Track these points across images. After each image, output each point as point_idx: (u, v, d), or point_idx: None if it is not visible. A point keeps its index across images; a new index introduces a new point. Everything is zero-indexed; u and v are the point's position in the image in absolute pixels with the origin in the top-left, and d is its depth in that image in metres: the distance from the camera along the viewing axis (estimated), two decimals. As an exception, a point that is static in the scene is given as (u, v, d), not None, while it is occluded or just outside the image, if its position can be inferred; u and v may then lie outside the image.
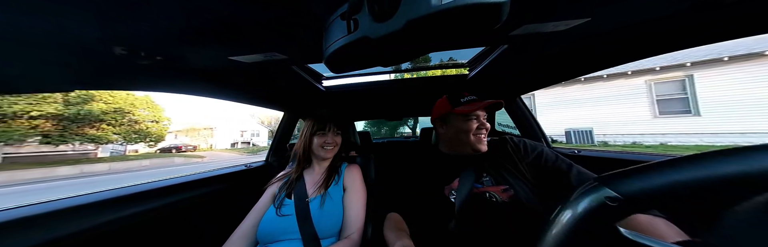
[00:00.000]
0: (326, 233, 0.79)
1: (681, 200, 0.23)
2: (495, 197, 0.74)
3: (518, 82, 1.27)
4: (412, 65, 1.34)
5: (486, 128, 0.84)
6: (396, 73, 1.25)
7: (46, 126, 8.56)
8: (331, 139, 0.97)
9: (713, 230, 0.17)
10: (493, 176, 0.79)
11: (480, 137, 0.84)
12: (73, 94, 8.74)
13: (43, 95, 8.36)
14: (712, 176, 0.22)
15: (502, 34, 0.66)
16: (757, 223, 0.16)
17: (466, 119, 0.85)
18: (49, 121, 8.57)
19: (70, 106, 8.70)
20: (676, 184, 0.23)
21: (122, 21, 0.46)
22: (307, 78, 1.07)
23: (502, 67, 1.04)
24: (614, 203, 0.24)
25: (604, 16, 0.57)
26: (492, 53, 0.93)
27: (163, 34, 0.53)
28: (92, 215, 0.73)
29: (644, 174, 0.25)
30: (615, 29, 0.65)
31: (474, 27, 0.31)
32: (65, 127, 8.83)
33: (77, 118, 8.76)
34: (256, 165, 1.53)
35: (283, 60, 0.76)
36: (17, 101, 7.99)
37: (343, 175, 0.97)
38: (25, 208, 0.66)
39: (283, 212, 0.82)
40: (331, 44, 0.36)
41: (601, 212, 0.25)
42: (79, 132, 9.15)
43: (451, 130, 0.88)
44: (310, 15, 0.48)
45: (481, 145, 0.83)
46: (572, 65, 0.98)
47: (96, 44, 0.53)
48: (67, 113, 8.55)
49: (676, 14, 0.56)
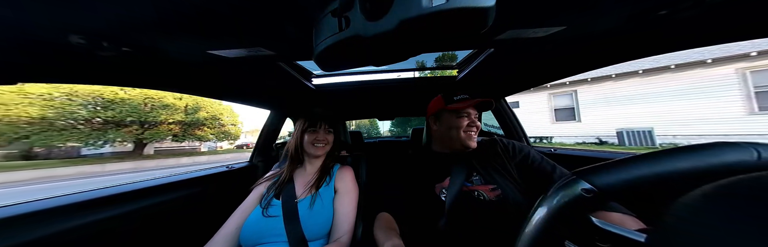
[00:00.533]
0: (314, 235, 0.77)
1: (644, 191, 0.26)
2: (483, 195, 0.76)
3: (504, 84, 1.32)
4: (404, 66, 1.28)
5: (476, 126, 0.87)
6: (388, 73, 1.27)
7: (175, 129, 13.44)
8: (323, 136, 0.96)
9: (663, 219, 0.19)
10: (483, 175, 0.81)
11: (470, 134, 0.86)
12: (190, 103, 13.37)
13: (175, 108, 12.82)
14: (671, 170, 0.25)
15: (488, 38, 0.70)
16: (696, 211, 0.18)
17: (457, 116, 0.87)
18: (177, 125, 13.46)
19: (188, 115, 13.61)
20: (642, 176, 0.26)
21: (76, 6, 0.42)
22: (296, 75, 1.05)
23: (489, 70, 1.09)
24: (589, 194, 0.27)
25: (577, 25, 0.63)
26: (479, 56, 0.97)
27: (130, 23, 0.49)
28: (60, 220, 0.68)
29: (615, 168, 0.27)
30: (587, 37, 0.72)
31: (463, 29, 0.32)
32: (185, 129, 13.83)
33: (191, 123, 13.79)
34: (238, 166, 1.46)
35: (269, 56, 0.73)
36: (161, 113, 12.31)
37: (334, 176, 0.95)
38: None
39: (269, 213, 0.79)
40: (322, 41, 0.35)
41: (577, 202, 0.27)
42: (192, 133, 14.08)
43: (443, 126, 0.91)
44: (299, 10, 0.47)
45: (470, 141, 0.86)
46: (552, 69, 1.05)
47: (44, 32, 0.48)
48: (186, 120, 13.39)
49: (637, 27, 0.64)
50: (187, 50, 0.66)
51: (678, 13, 0.56)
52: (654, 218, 0.21)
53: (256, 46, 0.66)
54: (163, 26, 0.52)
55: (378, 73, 1.27)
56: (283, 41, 0.65)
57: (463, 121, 0.86)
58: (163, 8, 0.45)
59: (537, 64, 1.01)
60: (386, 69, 1.25)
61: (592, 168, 0.29)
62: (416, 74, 1.29)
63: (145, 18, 0.48)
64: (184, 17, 0.49)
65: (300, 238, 0.74)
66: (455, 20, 0.29)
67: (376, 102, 1.81)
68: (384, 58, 0.41)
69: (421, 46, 0.38)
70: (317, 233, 0.77)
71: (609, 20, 0.61)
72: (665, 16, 0.57)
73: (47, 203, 0.68)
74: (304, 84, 1.16)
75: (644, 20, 0.61)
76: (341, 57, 0.41)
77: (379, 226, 0.76)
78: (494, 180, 0.79)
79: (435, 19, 0.28)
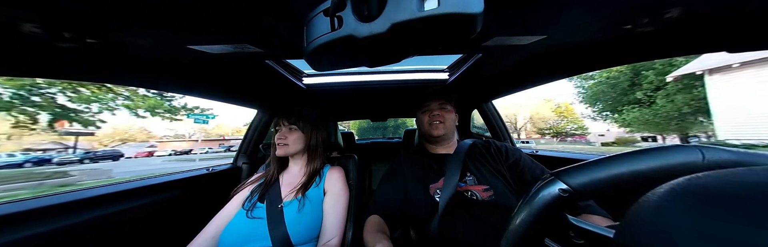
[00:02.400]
0: (302, 239, 0.74)
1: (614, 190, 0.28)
2: (476, 195, 0.78)
3: (490, 87, 1.39)
4: (396, 67, 1.32)
5: (438, 116, 0.93)
6: (380, 74, 1.26)
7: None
8: (283, 134, 0.90)
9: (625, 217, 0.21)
10: (476, 176, 0.83)
11: (434, 125, 0.93)
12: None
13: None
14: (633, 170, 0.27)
15: (476, 44, 0.74)
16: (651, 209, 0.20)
17: (422, 113, 0.98)
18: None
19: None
20: (608, 177, 0.28)
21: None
22: (285, 74, 1.02)
23: (477, 74, 1.14)
24: (565, 194, 0.28)
25: (557, 35, 0.69)
26: (468, 60, 1.01)
27: (95, 11, 0.45)
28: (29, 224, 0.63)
29: (586, 169, 0.29)
30: (566, 46, 0.78)
31: (453, 35, 0.33)
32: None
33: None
34: (220, 168, 1.38)
35: (257, 53, 0.71)
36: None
37: (324, 177, 0.91)
38: None
39: (253, 215, 0.76)
40: (314, 40, 0.35)
41: (555, 201, 0.29)
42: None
43: (418, 126, 1.04)
44: (287, 7, 0.46)
45: (433, 130, 0.93)
46: (535, 74, 1.11)
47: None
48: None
49: (609, 38, 0.71)
50: (163, 44, 0.62)
51: (639, 27, 0.64)
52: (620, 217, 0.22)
53: (243, 42, 0.64)
54: (134, 17, 0.48)
55: (370, 73, 1.27)
56: (272, 39, 0.63)
57: (424, 116, 0.96)
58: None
59: (521, 70, 1.05)
60: (379, 70, 1.27)
61: (567, 169, 0.31)
62: (409, 76, 1.31)
63: (114, 7, 0.44)
64: (158, 8, 0.46)
65: (286, 242, 0.71)
66: (445, 25, 0.30)
67: (368, 103, 1.82)
68: (378, 59, 0.42)
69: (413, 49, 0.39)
70: (305, 237, 0.75)
71: (584, 31, 0.67)
72: (629, 29, 0.64)
73: (16, 206, 0.63)
74: (294, 83, 1.14)
75: (613, 32, 0.67)
76: (334, 57, 0.41)
77: (369, 230, 0.76)
78: (487, 181, 0.81)
79: (426, 23, 0.29)
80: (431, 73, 1.28)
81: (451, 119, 0.96)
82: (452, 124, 0.97)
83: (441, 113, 0.94)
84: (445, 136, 0.95)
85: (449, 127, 0.95)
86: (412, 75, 1.29)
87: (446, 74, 1.27)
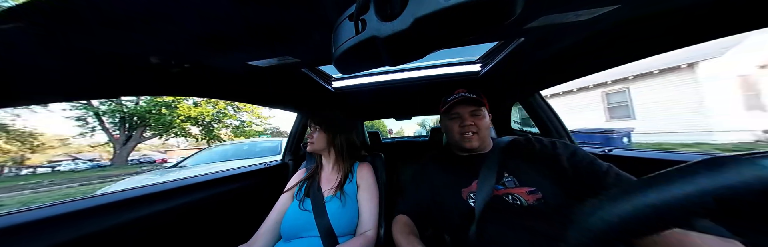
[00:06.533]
0: (343, 231, 0.81)
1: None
2: (520, 199, 0.68)
3: (536, 77, 1.18)
4: (420, 63, 1.29)
5: (472, 125, 0.82)
6: (405, 72, 1.25)
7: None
8: (311, 134, 1.02)
9: None
10: (517, 177, 0.73)
11: (465, 136, 0.82)
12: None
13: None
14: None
15: (517, 28, 0.63)
16: None
17: (449, 119, 0.85)
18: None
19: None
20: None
21: (154, 34, 0.50)
22: (317, 80, 1.10)
23: (518, 62, 0.99)
24: None
25: (635, 2, 0.51)
26: (506, 48, 0.89)
27: (188, 43, 0.56)
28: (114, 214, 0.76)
29: None
30: (647, 17, 0.58)
31: (485, 23, 0.30)
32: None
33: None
34: (273, 164, 1.61)
35: (294, 63, 0.78)
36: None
37: (355, 173, 0.99)
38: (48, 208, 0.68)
39: (304, 207, 0.86)
40: (340, 46, 0.36)
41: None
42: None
43: (445, 132, 0.91)
44: (319, 18, 0.49)
45: (467, 143, 0.82)
46: (596, 58, 0.88)
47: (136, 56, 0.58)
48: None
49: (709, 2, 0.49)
50: (231, 63, 0.73)
51: None
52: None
53: (285, 54, 0.70)
54: (213, 44, 0.58)
55: (395, 72, 1.26)
56: (307, 48, 0.68)
57: (454, 124, 0.84)
58: (211, 30, 0.51)
59: (578, 54, 0.85)
60: (403, 68, 1.25)
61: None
62: (435, 71, 1.25)
63: (199, 39, 0.55)
64: (228, 35, 0.55)
65: (330, 232, 0.79)
66: (475, 14, 0.27)
67: (393, 102, 1.82)
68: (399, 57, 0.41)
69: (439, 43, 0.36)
70: (346, 229, 0.81)
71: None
72: None
73: (98, 201, 0.76)
74: (325, 87, 1.20)
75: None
76: (357, 59, 0.41)
77: (399, 230, 0.74)
78: (532, 182, 0.70)
79: (452, 14, 0.26)
80: (460, 66, 1.21)
81: (486, 126, 0.83)
82: (488, 130, 0.85)
83: (474, 122, 0.81)
84: (480, 147, 0.84)
85: (485, 136, 0.83)
86: (438, 70, 1.24)
87: (478, 66, 1.17)
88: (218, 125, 16.54)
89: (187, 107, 14.20)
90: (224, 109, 15.98)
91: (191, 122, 15.15)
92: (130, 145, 18.62)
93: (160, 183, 0.99)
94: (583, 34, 0.69)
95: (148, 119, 15.22)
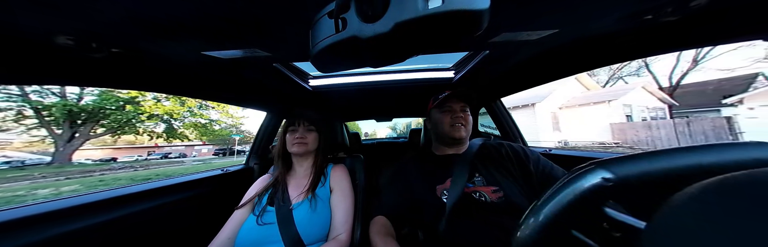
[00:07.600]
0: (313, 239, 0.76)
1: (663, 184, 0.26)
2: (484, 196, 0.75)
3: (498, 85, 1.34)
4: (401, 66, 1.32)
5: (462, 118, 0.89)
6: (384, 74, 1.27)
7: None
8: (302, 134, 0.94)
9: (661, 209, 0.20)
10: (485, 177, 0.80)
11: (456, 126, 0.89)
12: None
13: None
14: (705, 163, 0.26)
15: (483, 41, 0.72)
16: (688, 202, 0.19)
17: (441, 112, 0.93)
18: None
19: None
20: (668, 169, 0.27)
21: (66, 6, 0.41)
22: (292, 77, 1.05)
23: (484, 71, 1.10)
24: (609, 183, 0.27)
25: (569, 29, 0.65)
26: (475, 58, 0.98)
27: (120, 24, 0.48)
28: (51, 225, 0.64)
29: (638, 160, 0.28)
30: (578, 40, 0.74)
31: (458, 32, 0.33)
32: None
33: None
34: (234, 169, 1.43)
35: (265, 57, 0.73)
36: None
37: (329, 176, 0.94)
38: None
39: (264, 221, 0.77)
40: (318, 43, 0.36)
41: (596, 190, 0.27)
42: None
43: (433, 124, 0.97)
44: (294, 11, 0.47)
45: (457, 132, 0.88)
46: (545, 71, 1.06)
47: (31, 32, 0.47)
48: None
49: (626, 30, 0.66)
50: (181, 51, 0.65)
51: (662, 17, 0.58)
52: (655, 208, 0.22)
53: (252, 47, 0.65)
54: (156, 27, 0.51)
55: (374, 74, 1.28)
56: (280, 42, 0.65)
57: (446, 116, 0.91)
58: (155, 10, 0.45)
59: (531, 66, 1.02)
60: (384, 70, 1.27)
61: (616, 159, 0.29)
62: (413, 76, 1.30)
63: (137, 19, 0.47)
64: (179, 18, 0.48)
65: (298, 243, 0.73)
66: (450, 23, 0.30)
67: (373, 103, 1.82)
68: (381, 59, 0.42)
69: (418, 48, 0.39)
70: (315, 236, 0.76)
71: (599, 24, 0.63)
72: (650, 20, 0.59)
73: (42, 208, 0.65)
74: (301, 85, 1.16)
75: (632, 24, 0.62)
76: (338, 58, 0.41)
77: (377, 231, 0.75)
78: (496, 182, 0.78)
79: (430, 21, 0.28)
80: (436, 72, 1.27)
81: (471, 122, 0.94)
82: (471, 127, 0.94)
83: (464, 116, 0.91)
84: (465, 139, 0.93)
85: (470, 130, 0.93)
86: (416, 74, 1.29)
87: (452, 73, 1.25)
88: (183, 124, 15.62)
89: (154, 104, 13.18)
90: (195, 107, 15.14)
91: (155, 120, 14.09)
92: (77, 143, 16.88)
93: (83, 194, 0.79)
94: (534, 50, 0.84)
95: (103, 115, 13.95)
